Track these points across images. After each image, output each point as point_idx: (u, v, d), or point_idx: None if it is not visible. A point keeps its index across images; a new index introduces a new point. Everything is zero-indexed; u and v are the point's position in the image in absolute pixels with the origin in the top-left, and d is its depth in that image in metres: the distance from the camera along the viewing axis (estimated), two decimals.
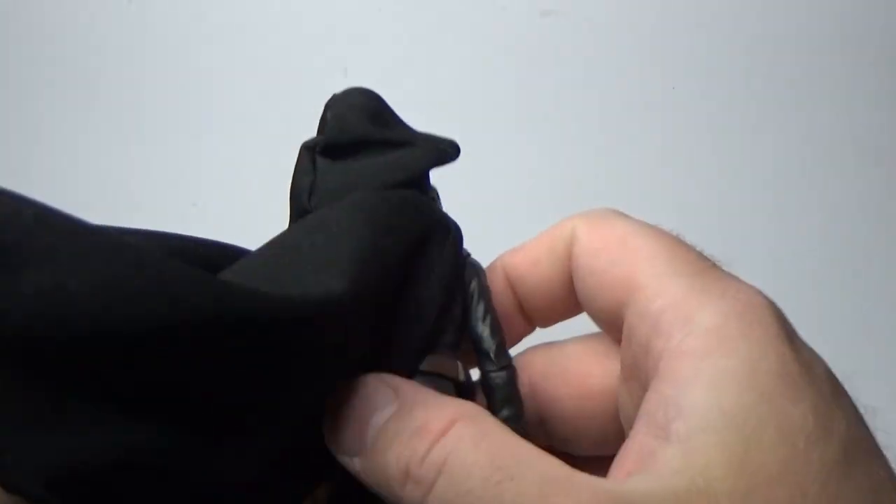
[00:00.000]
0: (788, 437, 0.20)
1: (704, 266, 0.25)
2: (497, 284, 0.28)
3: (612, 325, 0.26)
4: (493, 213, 0.54)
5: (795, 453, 0.20)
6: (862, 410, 0.23)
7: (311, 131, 0.34)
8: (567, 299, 0.28)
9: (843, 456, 0.21)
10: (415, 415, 0.22)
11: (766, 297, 0.24)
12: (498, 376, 0.26)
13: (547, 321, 0.29)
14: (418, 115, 0.31)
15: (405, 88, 0.30)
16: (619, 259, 0.26)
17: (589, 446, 0.29)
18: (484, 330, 0.27)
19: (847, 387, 0.23)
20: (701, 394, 0.21)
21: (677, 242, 0.26)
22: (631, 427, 0.23)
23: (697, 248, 0.26)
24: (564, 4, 0.70)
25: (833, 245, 0.59)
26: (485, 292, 0.27)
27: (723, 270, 0.25)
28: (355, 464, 0.23)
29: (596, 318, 0.27)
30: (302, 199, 0.26)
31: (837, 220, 0.61)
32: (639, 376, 0.25)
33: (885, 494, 0.21)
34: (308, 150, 0.27)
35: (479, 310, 0.27)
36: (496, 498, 0.20)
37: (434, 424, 0.22)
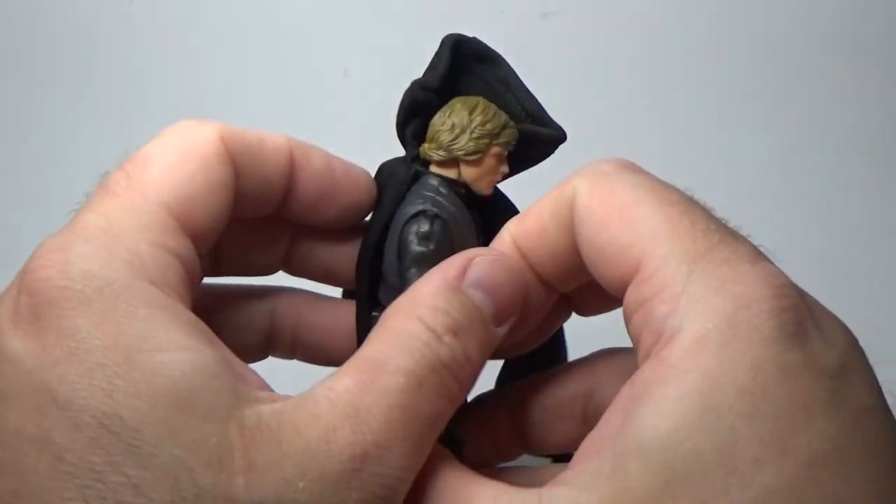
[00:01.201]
0: (727, 463, 0.20)
1: (709, 244, 0.23)
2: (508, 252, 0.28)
3: (615, 292, 0.26)
4: None
5: (730, 481, 0.19)
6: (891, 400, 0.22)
7: (311, 130, 0.34)
8: (581, 265, 0.27)
9: (803, 474, 0.19)
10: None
11: (773, 284, 0.22)
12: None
13: (566, 286, 0.29)
14: None
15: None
16: (619, 233, 0.24)
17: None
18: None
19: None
20: (650, 411, 0.21)
21: (683, 211, 0.24)
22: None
23: (707, 211, 0.25)
24: (564, 6, 0.70)
25: (836, 242, 0.59)
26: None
27: (730, 244, 0.23)
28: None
29: (601, 282, 0.26)
30: None
31: (839, 217, 0.61)
32: (627, 390, 0.24)
33: None
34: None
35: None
36: None
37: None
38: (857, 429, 0.21)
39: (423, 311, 0.25)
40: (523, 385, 0.32)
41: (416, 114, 0.30)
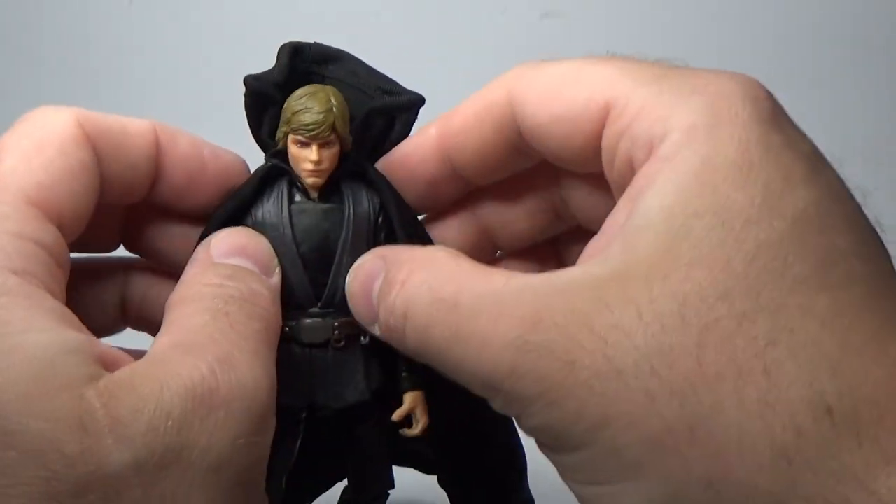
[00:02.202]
0: (725, 222, 0.21)
1: (666, 68, 0.25)
2: (425, 149, 0.29)
3: (586, 161, 0.26)
4: None
5: (727, 237, 0.21)
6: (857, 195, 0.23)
7: None
8: (509, 159, 0.28)
9: (789, 230, 0.21)
10: (394, 270, 0.26)
11: (740, 81, 0.24)
12: None
13: (486, 180, 0.30)
14: (419, 116, 0.31)
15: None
16: (573, 96, 0.25)
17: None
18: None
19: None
20: (651, 195, 0.23)
21: (627, 59, 0.26)
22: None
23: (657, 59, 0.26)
24: (564, 6, 0.70)
25: None
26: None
27: (688, 67, 0.25)
28: (376, 331, 0.27)
29: (563, 162, 0.27)
30: None
31: None
32: (628, 191, 0.25)
33: (840, 264, 0.21)
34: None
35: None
36: (446, 325, 0.24)
37: (398, 277, 0.25)
38: (833, 198, 0.22)
39: (198, 280, 0.27)
40: (488, 191, 0.32)
41: (261, 106, 0.30)
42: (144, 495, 0.21)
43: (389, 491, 0.34)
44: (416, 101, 0.30)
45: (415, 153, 0.29)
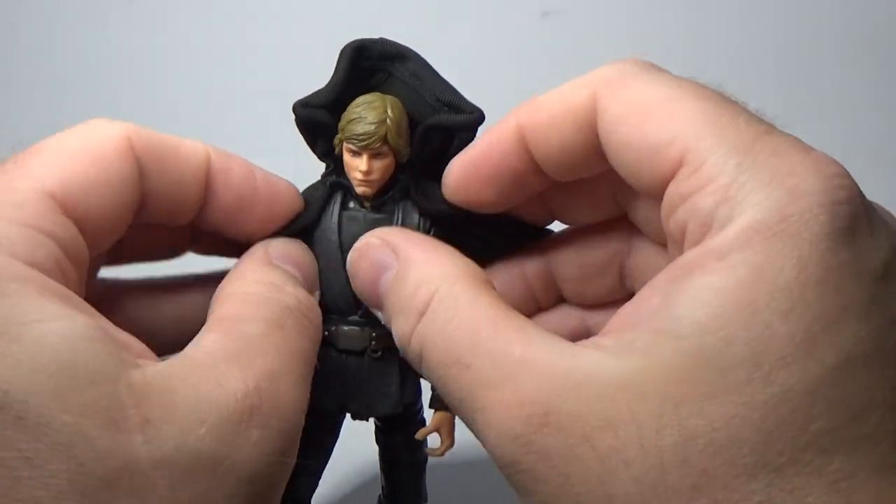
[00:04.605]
0: (756, 357, 0.20)
1: (756, 133, 0.22)
2: (508, 140, 0.28)
3: (651, 192, 0.25)
4: None
5: (753, 375, 0.20)
6: None
7: None
8: (590, 161, 0.27)
9: (827, 377, 0.20)
10: (407, 283, 0.26)
11: (825, 177, 0.21)
12: None
13: (564, 177, 0.28)
14: None
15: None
16: (655, 131, 0.23)
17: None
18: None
19: None
20: (688, 298, 0.21)
21: (720, 104, 0.23)
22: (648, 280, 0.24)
23: (742, 104, 0.24)
24: (564, 5, 0.70)
25: None
26: None
27: (777, 135, 0.23)
28: (381, 317, 0.28)
29: (633, 183, 0.26)
30: None
31: None
32: (675, 245, 0.24)
33: (871, 418, 0.20)
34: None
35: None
36: (460, 387, 0.23)
37: (414, 304, 0.25)
38: (886, 335, 0.20)
39: (255, 278, 0.27)
40: (559, 238, 0.32)
41: (312, 131, 0.30)
42: (171, 497, 0.21)
43: None
44: (476, 121, 0.30)
45: (497, 147, 0.28)
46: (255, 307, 0.25)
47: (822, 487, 0.19)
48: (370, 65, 0.30)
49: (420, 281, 0.26)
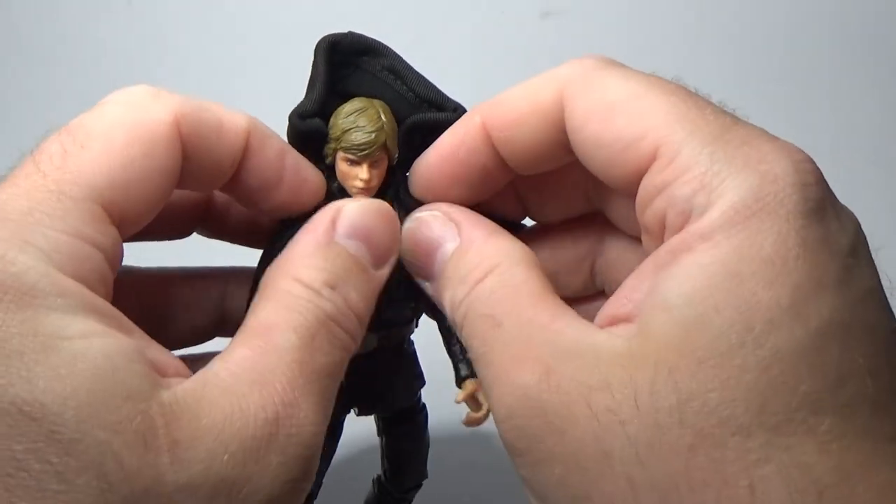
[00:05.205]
0: (745, 322, 0.21)
1: (724, 124, 0.23)
2: (473, 139, 0.28)
3: (623, 187, 0.25)
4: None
5: (744, 338, 0.21)
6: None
7: None
8: (556, 155, 0.27)
9: (810, 341, 0.20)
10: (468, 257, 0.27)
11: (794, 161, 0.22)
12: None
13: (532, 171, 0.29)
14: None
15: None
16: (626, 126, 0.24)
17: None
18: None
19: None
20: (677, 275, 0.22)
21: (685, 98, 0.24)
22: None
23: (705, 97, 0.25)
24: (564, 5, 0.70)
25: None
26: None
27: (743, 125, 0.24)
28: (427, 287, 0.28)
29: (604, 179, 0.26)
30: None
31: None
32: (650, 236, 0.25)
33: (853, 383, 0.21)
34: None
35: None
36: (492, 338, 0.25)
37: (473, 274, 0.26)
38: (861, 307, 0.22)
39: (298, 271, 0.26)
40: (531, 233, 0.32)
41: (307, 141, 0.29)
42: None
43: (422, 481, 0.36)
44: (454, 120, 0.29)
45: (463, 144, 0.28)
46: (289, 314, 0.25)
47: (814, 447, 0.20)
48: (339, 59, 0.29)
49: (483, 257, 0.26)
